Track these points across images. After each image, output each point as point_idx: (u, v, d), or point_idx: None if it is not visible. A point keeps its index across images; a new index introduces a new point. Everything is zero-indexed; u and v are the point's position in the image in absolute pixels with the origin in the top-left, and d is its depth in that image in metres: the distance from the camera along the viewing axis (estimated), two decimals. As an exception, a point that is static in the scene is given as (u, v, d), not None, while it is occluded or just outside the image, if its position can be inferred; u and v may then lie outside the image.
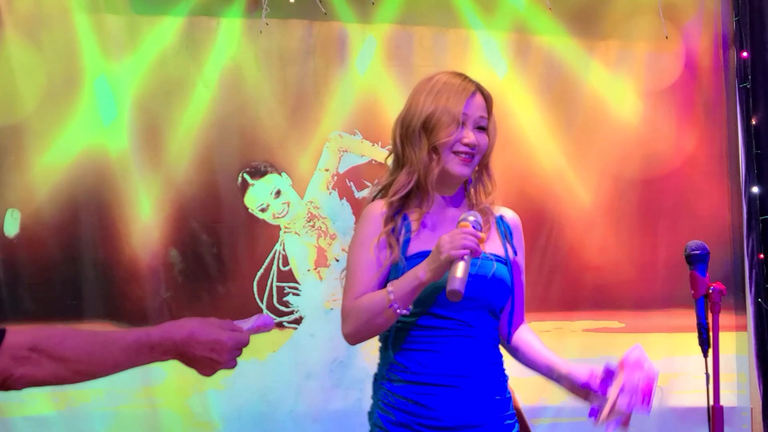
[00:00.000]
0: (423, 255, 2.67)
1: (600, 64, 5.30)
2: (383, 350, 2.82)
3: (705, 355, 3.14)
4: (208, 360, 2.04)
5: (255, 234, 5.13)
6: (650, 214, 5.28)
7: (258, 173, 5.14)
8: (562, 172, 5.25)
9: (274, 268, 5.11)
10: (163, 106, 5.09)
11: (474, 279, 2.64)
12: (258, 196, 5.13)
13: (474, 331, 2.72)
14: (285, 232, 5.15)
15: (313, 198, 5.16)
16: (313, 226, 5.14)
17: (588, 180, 5.26)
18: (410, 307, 2.63)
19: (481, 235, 2.60)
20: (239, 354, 2.08)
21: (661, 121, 5.29)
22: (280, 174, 5.15)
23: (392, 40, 5.24)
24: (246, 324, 2.11)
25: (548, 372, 2.85)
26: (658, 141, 5.28)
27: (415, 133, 2.75)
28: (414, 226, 2.75)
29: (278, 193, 5.15)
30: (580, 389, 2.76)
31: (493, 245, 2.79)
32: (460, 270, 2.51)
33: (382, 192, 2.85)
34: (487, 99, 2.82)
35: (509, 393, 2.84)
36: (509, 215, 2.90)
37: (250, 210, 5.13)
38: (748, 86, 5.19)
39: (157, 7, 5.11)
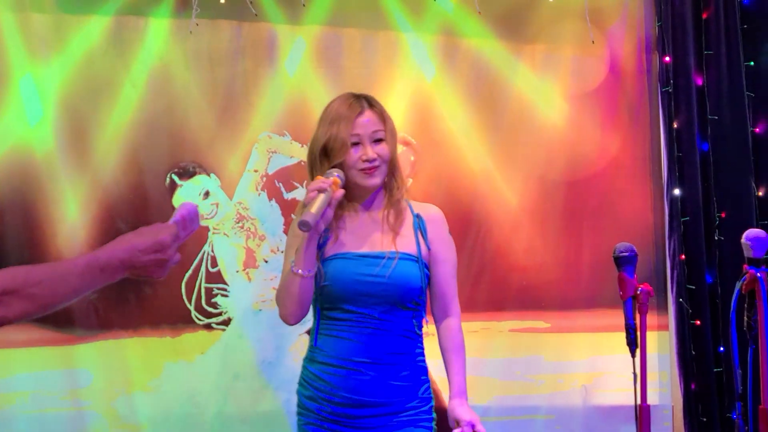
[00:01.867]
0: (338, 257, 3.12)
1: (527, 68, 5.36)
2: (310, 337, 3.23)
3: (633, 355, 3.21)
4: (156, 261, 2.16)
5: (183, 235, 5.09)
6: (575, 216, 5.35)
7: (186, 174, 5.11)
8: (489, 173, 5.30)
9: (203, 269, 5.09)
10: (90, 105, 5.04)
11: (374, 278, 3.08)
12: (186, 197, 5.10)
13: (382, 323, 3.10)
14: (214, 233, 5.13)
15: (242, 199, 5.15)
16: (242, 227, 5.13)
17: (514, 181, 5.31)
18: (313, 269, 3.04)
19: (332, 179, 3.00)
20: (177, 248, 2.22)
21: (586, 124, 5.36)
22: (208, 175, 5.13)
23: (321, 42, 5.24)
24: (171, 219, 2.25)
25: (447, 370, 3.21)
26: (583, 143, 5.35)
27: (316, 160, 3.16)
28: (333, 232, 3.13)
29: (207, 194, 5.13)
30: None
31: (405, 243, 3.16)
32: (311, 205, 2.92)
33: None
34: (378, 113, 3.17)
35: (419, 380, 3.17)
36: (427, 211, 3.25)
37: (178, 211, 5.09)
38: (670, 90, 5.28)
39: (84, 5, 5.07)
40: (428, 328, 3.24)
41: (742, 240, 3.33)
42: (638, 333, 3.27)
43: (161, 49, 5.12)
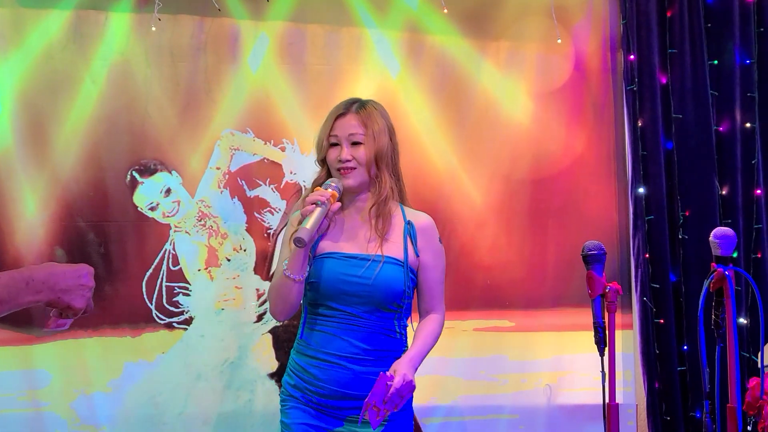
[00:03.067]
0: (327, 256, 3.32)
1: (491, 65, 5.33)
2: (297, 329, 3.41)
3: (602, 354, 3.21)
4: (78, 287, 2.20)
5: (144, 233, 5.03)
6: (540, 214, 5.33)
7: (147, 171, 5.04)
8: (453, 171, 5.27)
9: (164, 267, 5.02)
10: (49, 101, 4.95)
11: (359, 279, 3.28)
12: (147, 195, 5.03)
13: (364, 322, 3.30)
14: (175, 231, 5.06)
15: (204, 197, 5.08)
16: (204, 225, 5.07)
17: (479, 180, 5.29)
18: (304, 273, 3.25)
19: (330, 192, 3.23)
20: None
21: (551, 122, 5.35)
22: (170, 172, 5.06)
23: (285, 38, 5.19)
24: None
25: None
26: (548, 141, 5.34)
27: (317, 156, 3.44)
28: (331, 226, 3.35)
29: (168, 191, 5.06)
30: None
31: (393, 248, 3.34)
32: (308, 220, 3.14)
33: None
34: (363, 117, 3.36)
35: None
36: (419, 219, 3.44)
37: (139, 208, 5.03)
38: (635, 88, 5.28)
39: (44, 0, 4.98)
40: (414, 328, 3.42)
41: (710, 238, 3.33)
42: (606, 331, 3.28)
43: (122, 45, 5.04)
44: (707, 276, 3.29)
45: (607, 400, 3.26)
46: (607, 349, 3.29)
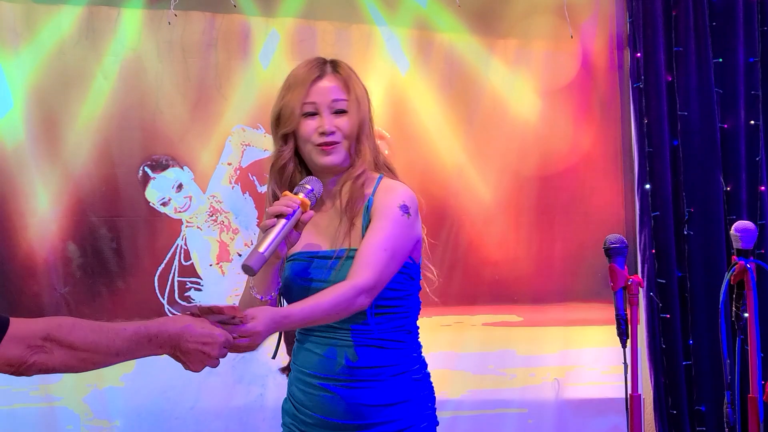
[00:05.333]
0: (293, 258, 2.72)
1: (500, 62, 5.38)
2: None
3: (624, 346, 3.25)
4: (200, 353, 2.18)
5: (156, 228, 5.04)
6: (547, 210, 5.38)
7: (159, 167, 5.06)
8: (462, 168, 5.31)
9: (176, 263, 5.04)
10: (61, 97, 4.95)
11: (319, 283, 2.64)
12: (159, 190, 5.05)
13: (342, 334, 2.69)
14: (187, 226, 5.08)
15: (215, 192, 5.10)
16: (216, 220, 5.09)
17: (487, 176, 5.33)
18: (272, 292, 2.62)
19: (300, 199, 2.55)
20: (225, 354, 2.22)
21: (559, 119, 5.40)
22: (181, 168, 5.08)
23: (295, 35, 5.21)
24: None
25: None
26: (555, 138, 5.39)
27: (273, 130, 2.78)
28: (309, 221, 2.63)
29: (180, 186, 5.08)
30: None
31: (358, 235, 2.69)
32: (262, 242, 2.47)
33: None
34: (343, 79, 2.74)
35: (401, 398, 2.73)
36: (379, 187, 2.74)
37: (151, 204, 5.05)
38: (641, 86, 5.34)
39: (56, -5, 4.99)
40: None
41: (732, 231, 3.38)
42: (629, 324, 3.32)
43: (134, 41, 5.04)
44: (728, 269, 3.34)
45: (629, 391, 3.30)
46: (629, 340, 3.33)
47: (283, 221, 2.51)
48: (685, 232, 5.32)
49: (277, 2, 5.15)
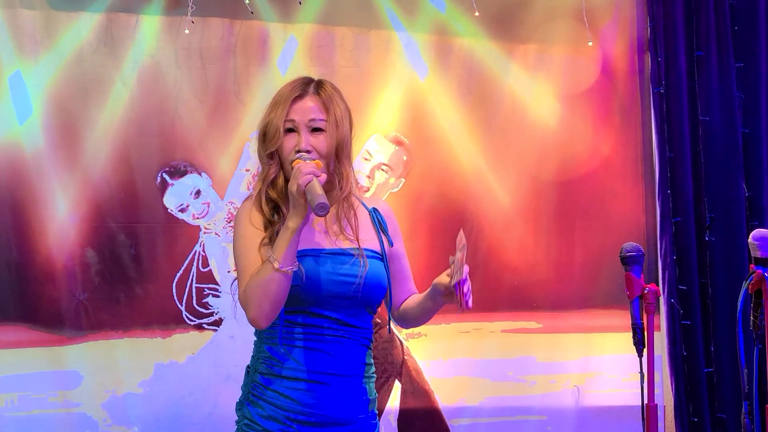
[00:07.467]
0: (308, 253, 2.80)
1: (519, 67, 5.35)
2: (257, 344, 2.93)
3: (640, 355, 3.22)
4: None
5: (174, 235, 5.05)
6: (567, 216, 5.35)
7: (177, 173, 5.07)
8: (481, 173, 5.29)
9: (194, 269, 5.05)
10: (80, 103, 4.98)
11: (348, 278, 2.81)
12: (177, 196, 5.06)
13: (350, 330, 2.84)
14: (205, 232, 5.09)
15: (233, 198, 5.10)
16: (234, 227, 5.08)
17: (507, 181, 5.30)
18: (294, 264, 2.70)
19: (316, 162, 2.75)
20: None
21: (578, 124, 5.36)
22: (200, 174, 5.08)
23: (314, 41, 5.21)
24: None
25: (425, 301, 2.92)
26: (575, 143, 5.36)
27: (259, 147, 2.92)
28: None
29: (198, 193, 5.08)
30: (445, 289, 2.82)
31: (368, 240, 2.91)
32: (316, 188, 2.65)
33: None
34: (324, 100, 2.87)
35: (375, 394, 2.96)
36: (382, 206, 3.03)
37: (169, 210, 5.06)
38: (662, 91, 5.29)
39: (74, 2, 5.00)
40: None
41: (750, 240, 3.33)
42: (645, 333, 3.29)
43: (152, 47, 5.06)
44: (746, 277, 3.29)
45: (646, 401, 3.27)
46: (645, 350, 3.30)
47: (316, 179, 2.68)
48: (707, 238, 5.27)
49: (295, 8, 5.14)
